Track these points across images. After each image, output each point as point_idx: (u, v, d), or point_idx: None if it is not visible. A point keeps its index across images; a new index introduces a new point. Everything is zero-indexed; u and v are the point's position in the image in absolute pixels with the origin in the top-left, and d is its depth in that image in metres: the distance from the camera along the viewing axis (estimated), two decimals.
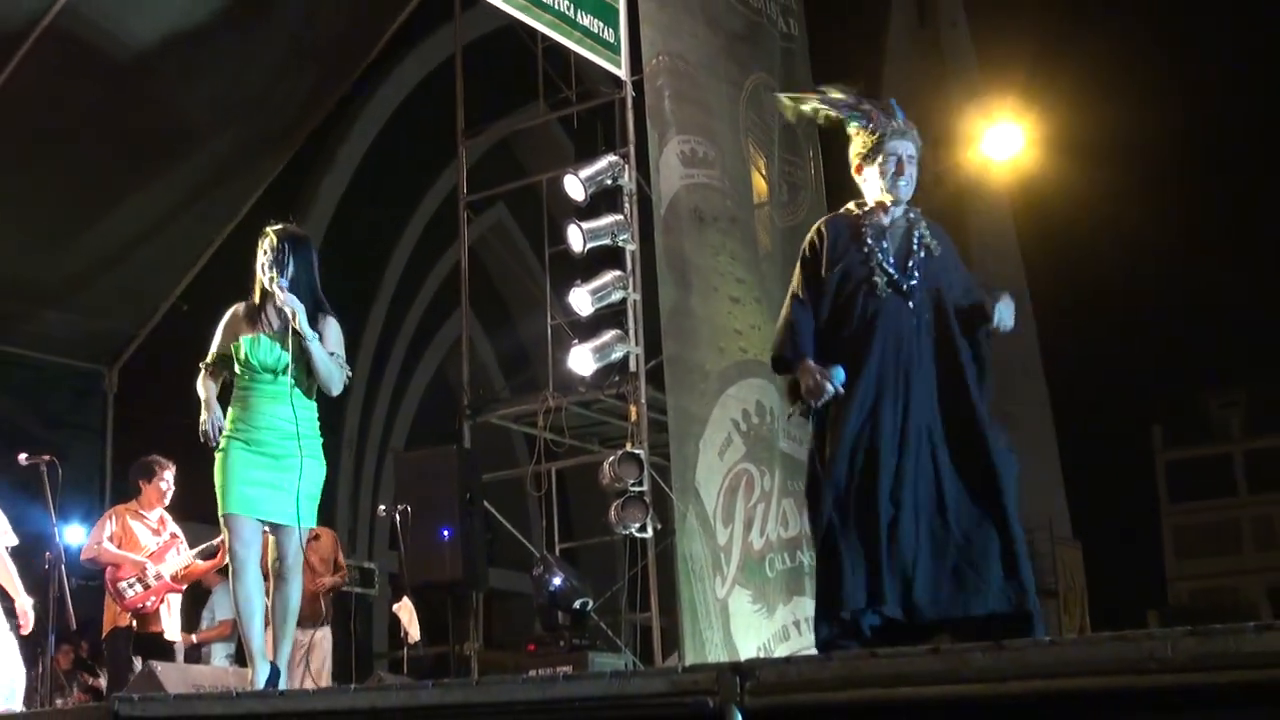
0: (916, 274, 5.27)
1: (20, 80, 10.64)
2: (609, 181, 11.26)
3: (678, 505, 10.47)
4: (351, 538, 16.86)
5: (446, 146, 12.94)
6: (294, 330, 6.09)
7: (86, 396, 13.09)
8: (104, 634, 9.23)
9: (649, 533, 10.66)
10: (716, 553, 10.53)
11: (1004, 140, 17.38)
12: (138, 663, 8.78)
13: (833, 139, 5.76)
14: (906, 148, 5.38)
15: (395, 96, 16.70)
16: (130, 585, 8.87)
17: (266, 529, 6.09)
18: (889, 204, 5.37)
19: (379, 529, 16.44)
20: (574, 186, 11.18)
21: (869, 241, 5.29)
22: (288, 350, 6.12)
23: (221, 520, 6.02)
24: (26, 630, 8.09)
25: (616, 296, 11.09)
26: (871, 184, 5.40)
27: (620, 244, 11.18)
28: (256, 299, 6.21)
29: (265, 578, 6.18)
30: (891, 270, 5.25)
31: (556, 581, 10.37)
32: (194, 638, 10.17)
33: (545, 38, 11.37)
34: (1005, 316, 5.26)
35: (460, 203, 12.37)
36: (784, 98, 5.97)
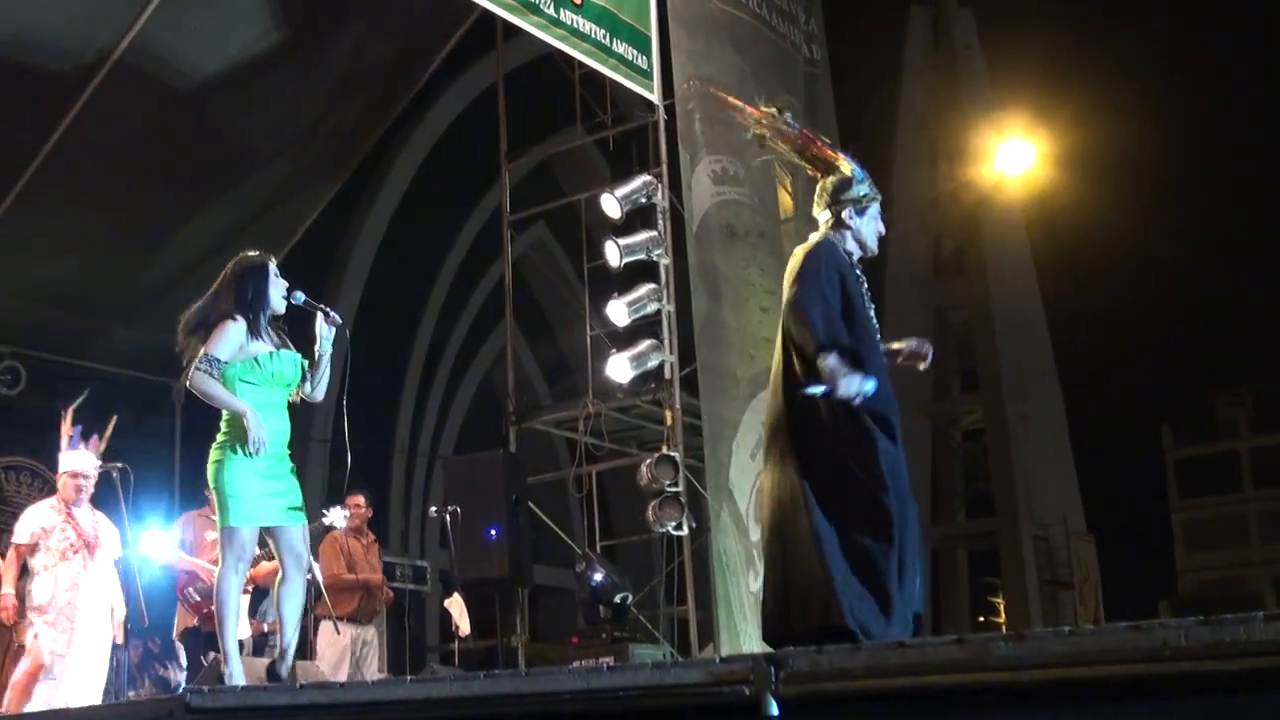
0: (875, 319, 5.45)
1: (92, 110, 10.70)
2: (643, 200, 11.29)
3: (712, 505, 10.48)
4: (404, 538, 16.92)
5: (490, 169, 13.00)
6: (320, 345, 6.15)
7: (156, 408, 13.14)
8: (176, 633, 9.28)
9: (685, 531, 10.67)
10: (749, 549, 10.53)
11: (1017, 155, 17.35)
12: (212, 656, 8.85)
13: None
14: (879, 209, 5.56)
15: (441, 122, 16.77)
16: (198, 590, 8.91)
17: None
18: (863, 257, 5.49)
19: (430, 529, 16.49)
20: (610, 205, 11.21)
21: (863, 282, 5.43)
22: (304, 364, 6.15)
23: (237, 531, 5.89)
24: (118, 637, 8.19)
25: (652, 308, 11.11)
26: (867, 234, 5.49)
27: (655, 258, 11.21)
28: (260, 317, 6.08)
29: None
30: (872, 310, 5.42)
31: (598, 577, 10.38)
32: (265, 626, 10.21)
33: (583, 65, 11.40)
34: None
35: (504, 221, 12.40)
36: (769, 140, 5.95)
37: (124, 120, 10.99)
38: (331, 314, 6.20)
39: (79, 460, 8.12)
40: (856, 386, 5.05)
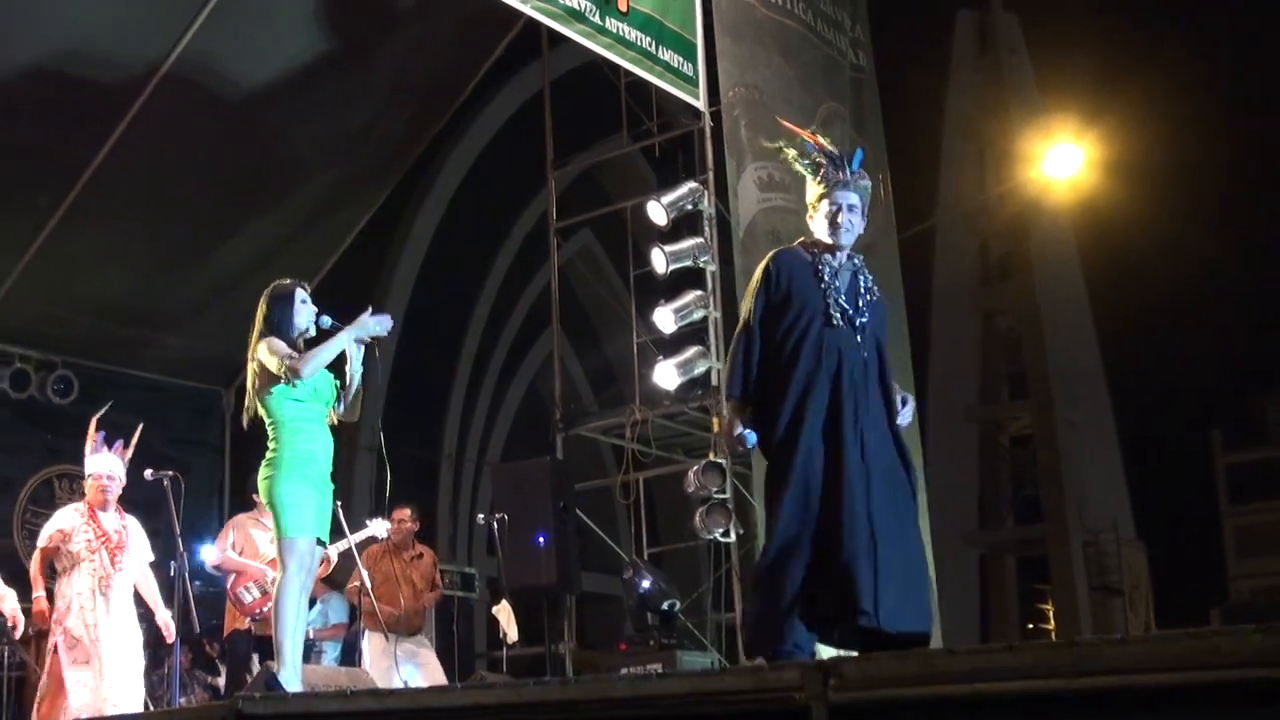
0: (865, 313, 5.39)
1: (142, 122, 10.81)
2: (689, 206, 11.29)
3: (758, 510, 10.46)
4: (452, 544, 16.97)
5: (536, 177, 13.03)
6: (351, 365, 6.30)
7: (206, 415, 13.26)
8: (224, 635, 9.34)
9: (732, 537, 10.65)
10: None
11: (1064, 159, 17.24)
12: (255, 662, 8.88)
13: (901, 164, 5.78)
14: (848, 198, 5.48)
15: (488, 130, 16.83)
16: (248, 590, 8.96)
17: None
18: (834, 247, 5.46)
19: (478, 536, 16.54)
20: (656, 212, 11.22)
21: (825, 279, 5.39)
22: (337, 384, 6.31)
23: (299, 541, 6.06)
24: (171, 640, 8.23)
25: (698, 315, 11.11)
26: (819, 227, 5.50)
27: (701, 265, 11.20)
28: (298, 339, 6.25)
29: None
30: (846, 306, 5.36)
31: (646, 584, 10.39)
32: (311, 632, 10.25)
33: (628, 73, 11.41)
34: (906, 417, 5.43)
35: (550, 229, 12.43)
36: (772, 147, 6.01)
37: (174, 131, 11.09)
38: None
39: (103, 463, 8.15)
40: (734, 450, 5.22)
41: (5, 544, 11.73)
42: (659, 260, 11.08)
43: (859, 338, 5.33)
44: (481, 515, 10.96)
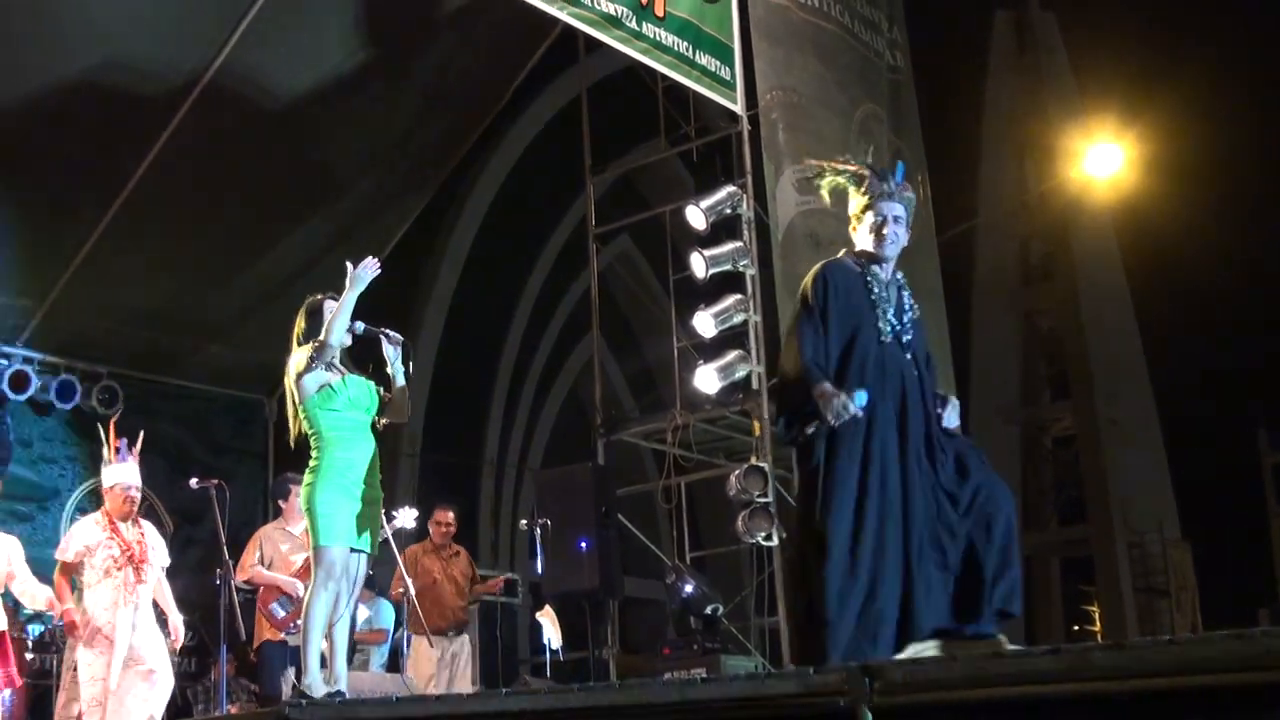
0: (910, 330, 5.37)
1: (184, 133, 10.87)
2: (728, 210, 11.30)
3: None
4: (494, 550, 17.00)
5: (574, 182, 13.05)
6: (391, 367, 6.39)
7: (249, 424, 13.32)
8: (254, 646, 9.35)
9: (774, 541, 10.64)
10: None
11: (1105, 158, 17.12)
12: (290, 671, 8.91)
13: (941, 165, 5.76)
14: (894, 209, 5.45)
15: (525, 137, 16.86)
16: (280, 605, 8.99)
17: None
18: (880, 259, 5.44)
19: (520, 542, 16.55)
20: (695, 216, 11.23)
21: (874, 291, 5.37)
22: (377, 389, 6.39)
23: (332, 551, 6.11)
24: (177, 644, 8.22)
25: (738, 319, 11.11)
26: (863, 238, 5.48)
27: (740, 269, 11.20)
28: (335, 350, 6.31)
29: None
30: (894, 321, 5.33)
31: (688, 589, 10.38)
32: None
33: (665, 78, 11.42)
34: (953, 419, 5.38)
35: (589, 235, 12.46)
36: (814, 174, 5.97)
37: (215, 142, 11.16)
38: (392, 335, 6.46)
39: (128, 473, 8.08)
40: (848, 412, 5.07)
41: (53, 555, 11.82)
42: (698, 264, 11.08)
43: (908, 355, 5.31)
44: (524, 521, 10.99)
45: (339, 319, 6.21)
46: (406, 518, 9.48)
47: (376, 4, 11.18)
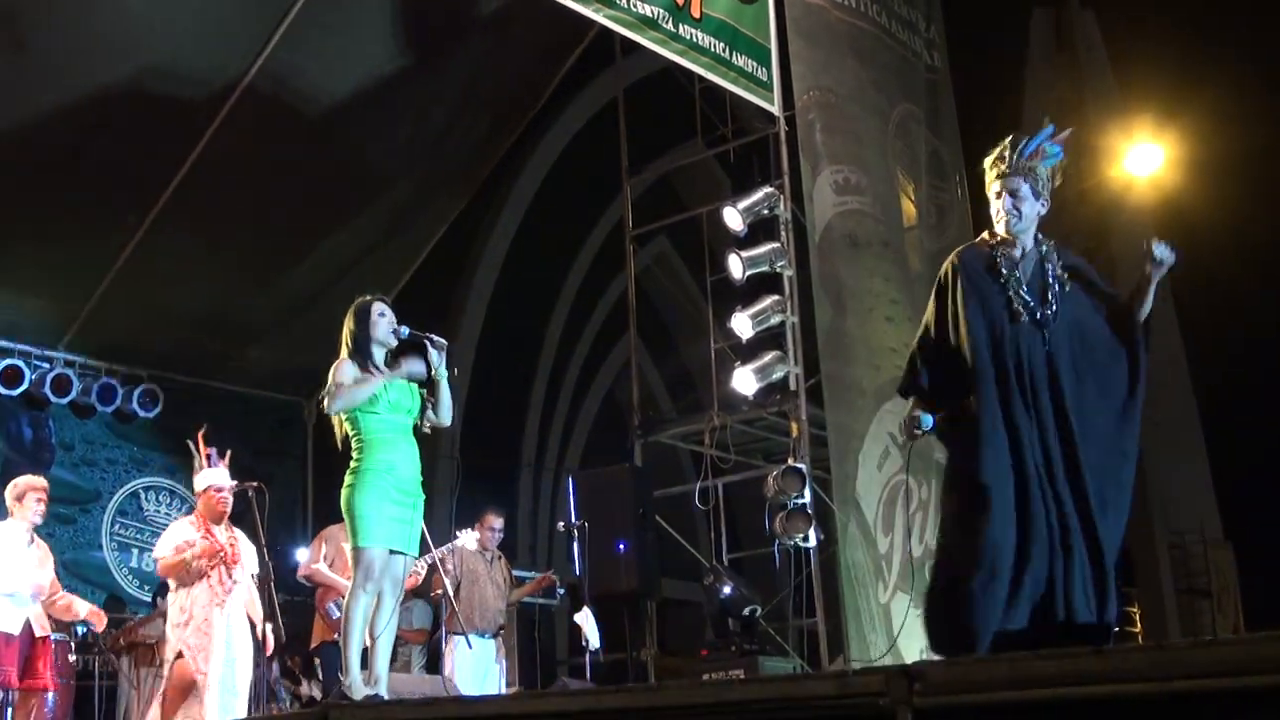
0: (1054, 305, 5.22)
1: (223, 136, 10.93)
2: (765, 211, 11.28)
3: (839, 516, 10.43)
4: (532, 552, 17.02)
5: (611, 184, 13.06)
6: (435, 371, 6.40)
7: (288, 426, 13.38)
8: (313, 646, 9.41)
9: (813, 542, 10.61)
10: (878, 560, 10.46)
11: (1145, 157, 17.02)
12: None
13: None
14: (1010, 184, 5.35)
15: (563, 139, 16.86)
16: (337, 606, 9.04)
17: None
18: (1011, 238, 5.34)
19: (558, 544, 16.56)
20: (733, 217, 11.22)
21: (1004, 271, 5.26)
22: (419, 392, 6.44)
23: (370, 552, 6.15)
24: (270, 652, 8.33)
25: (776, 320, 11.09)
26: (997, 218, 5.41)
27: (778, 270, 11.19)
28: (367, 353, 6.35)
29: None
30: (1028, 298, 5.21)
31: (727, 590, 10.37)
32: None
33: (702, 79, 11.41)
34: (1161, 253, 5.27)
35: (626, 236, 12.46)
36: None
37: (254, 145, 11.21)
38: (436, 339, 6.48)
39: (219, 476, 8.27)
40: (910, 434, 5.25)
41: (96, 557, 11.92)
42: (736, 266, 11.07)
43: (1045, 332, 5.18)
44: (562, 523, 11.00)
45: (343, 401, 6.24)
46: (468, 539, 9.51)
47: (413, 7, 11.21)
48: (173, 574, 8.04)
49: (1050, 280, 5.26)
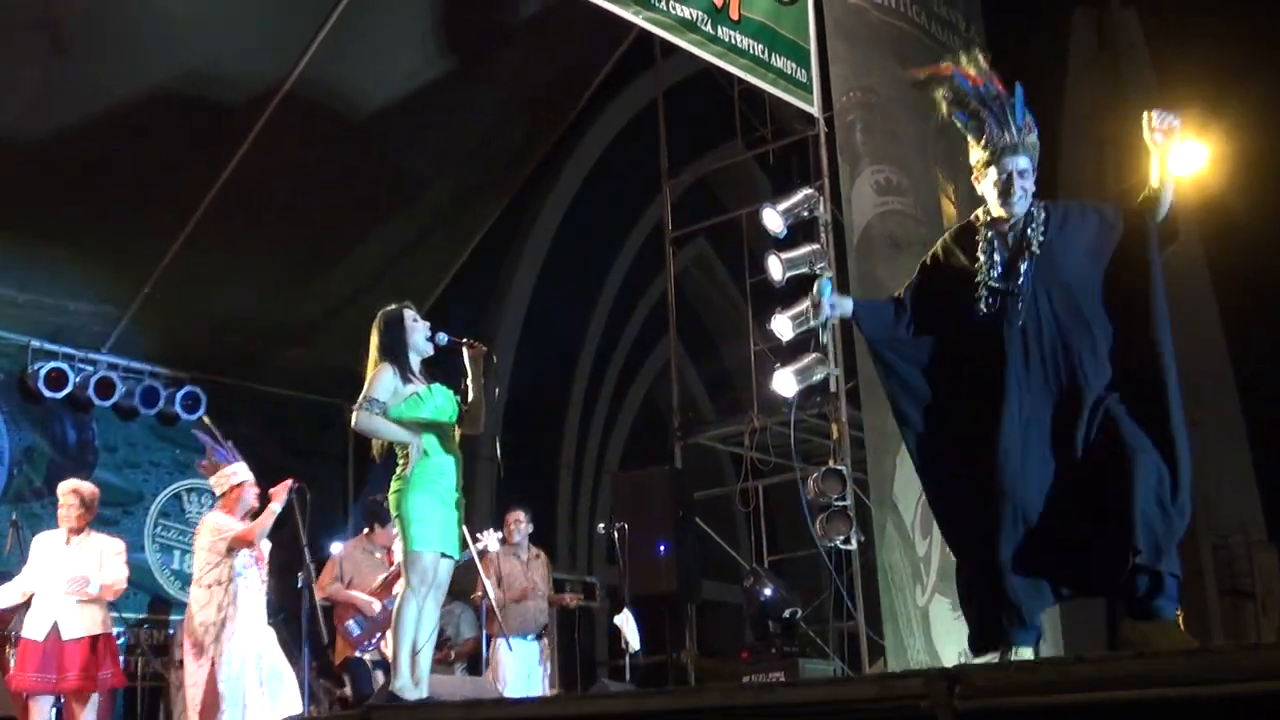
0: (1024, 276, 5.04)
1: (264, 140, 11.01)
2: (805, 213, 11.27)
3: (876, 518, 10.40)
4: (572, 554, 17.04)
5: (650, 186, 13.07)
6: (470, 380, 6.47)
7: (329, 428, 13.42)
8: (336, 662, 9.42)
9: (853, 545, 10.60)
10: (916, 563, 10.42)
11: (1188, 156, 16.89)
12: (378, 674, 9.00)
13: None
14: (1018, 163, 5.13)
15: (601, 141, 16.86)
16: (357, 623, 9.07)
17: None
18: (1007, 220, 5.16)
19: (598, 545, 16.59)
20: (772, 219, 11.22)
21: (980, 253, 5.15)
22: (458, 399, 6.47)
23: (425, 555, 6.19)
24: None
25: (815, 322, 11.06)
26: (988, 196, 5.22)
27: (818, 272, 11.16)
28: (405, 361, 6.38)
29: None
30: (995, 281, 5.08)
31: (767, 592, 10.37)
32: (452, 654, 10.36)
33: (741, 81, 11.42)
34: (1162, 120, 5.24)
35: (665, 238, 12.48)
36: (923, 80, 5.64)
37: (294, 149, 11.29)
38: (476, 345, 6.49)
39: (247, 471, 8.30)
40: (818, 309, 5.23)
41: (138, 559, 12.00)
42: (775, 267, 11.07)
43: (1019, 304, 5.02)
44: (602, 524, 11.02)
45: (383, 431, 6.25)
46: (491, 540, 9.51)
47: (453, 10, 11.26)
48: (245, 542, 8.04)
49: (1023, 249, 5.08)
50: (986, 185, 5.20)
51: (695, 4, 10.25)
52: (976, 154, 5.23)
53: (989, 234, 5.19)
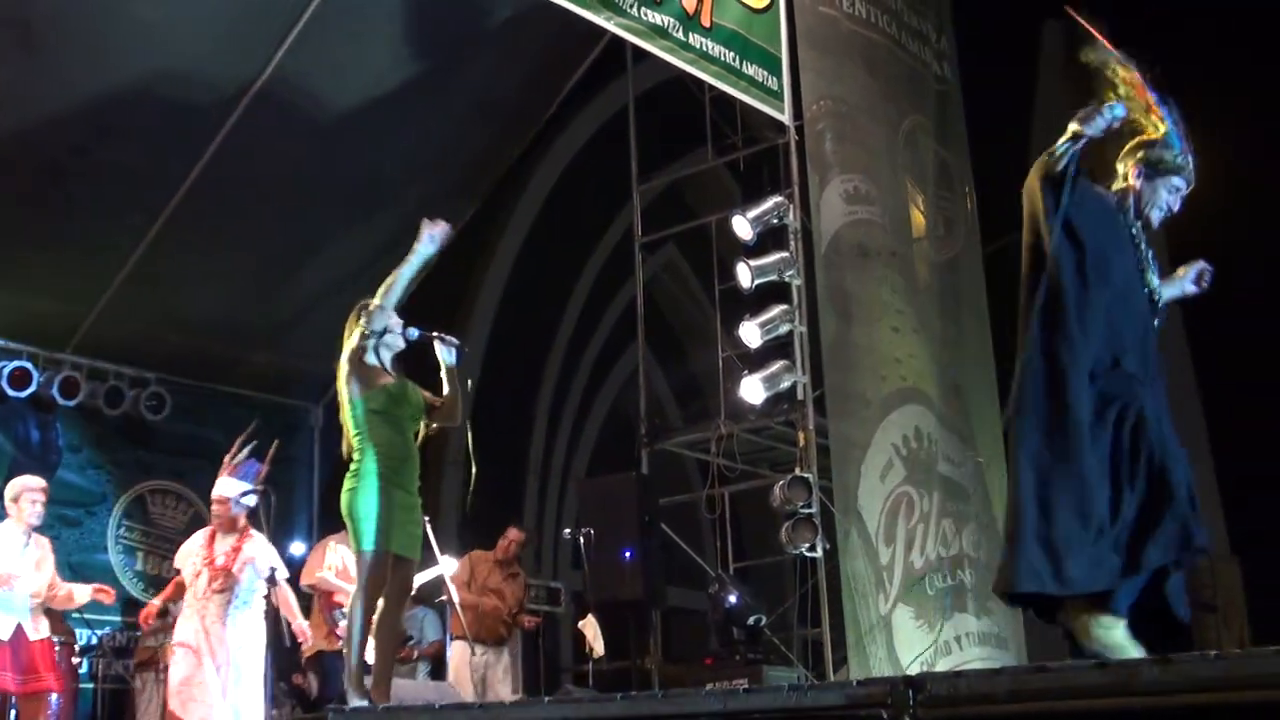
0: (1156, 281, 5.14)
1: (233, 141, 10.96)
2: (774, 221, 11.28)
3: (840, 525, 10.41)
4: (538, 559, 17.01)
5: (621, 192, 13.05)
6: (445, 371, 6.48)
7: (296, 431, 13.36)
8: (304, 656, 9.38)
9: (819, 552, 10.61)
10: (879, 571, 10.44)
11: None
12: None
13: (988, 176, 5.59)
14: (1182, 185, 5.20)
15: (572, 147, 16.86)
16: (343, 615, 9.04)
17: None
18: (1136, 212, 5.15)
19: (564, 551, 16.57)
20: (742, 226, 11.22)
21: (1139, 247, 5.15)
22: (426, 395, 6.47)
23: (376, 555, 6.06)
24: (308, 646, 8.39)
25: (784, 329, 11.09)
26: (1155, 198, 5.18)
27: (786, 279, 11.18)
28: (384, 357, 6.33)
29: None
30: (1155, 279, 5.17)
31: (732, 599, 10.37)
32: (415, 653, 10.34)
33: (713, 88, 11.42)
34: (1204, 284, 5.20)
35: (635, 244, 12.46)
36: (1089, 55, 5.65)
37: (263, 150, 11.22)
38: (447, 338, 6.44)
39: (222, 486, 8.33)
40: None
41: (101, 560, 11.92)
42: (744, 275, 11.08)
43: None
44: (568, 530, 11.03)
45: (401, 280, 6.22)
46: (448, 566, 9.43)
47: (424, 14, 11.22)
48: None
49: (1151, 260, 5.18)
50: (1159, 186, 5.17)
51: (667, 10, 10.25)
52: (1168, 154, 5.19)
53: (1137, 228, 5.16)
